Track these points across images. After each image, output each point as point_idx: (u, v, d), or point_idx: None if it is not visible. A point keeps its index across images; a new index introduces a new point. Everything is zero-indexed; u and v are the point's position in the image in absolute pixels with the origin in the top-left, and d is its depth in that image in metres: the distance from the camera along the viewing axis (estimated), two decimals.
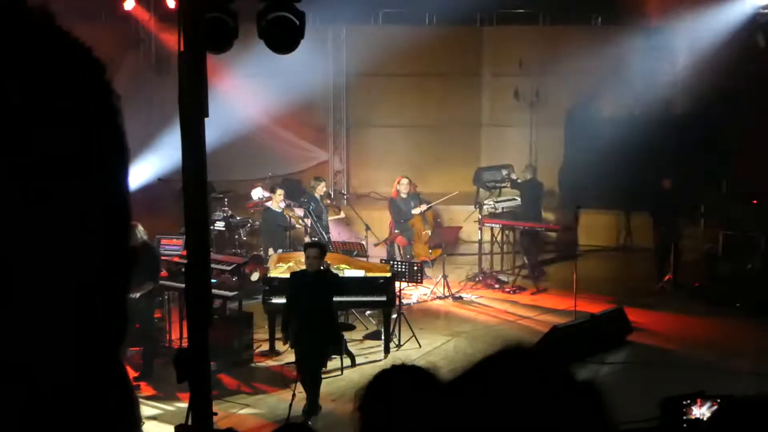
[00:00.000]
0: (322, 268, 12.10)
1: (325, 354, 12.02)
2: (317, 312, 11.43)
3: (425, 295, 18.15)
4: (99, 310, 1.02)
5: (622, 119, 22.45)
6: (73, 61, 1.01)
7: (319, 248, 12.04)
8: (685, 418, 5.70)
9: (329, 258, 14.77)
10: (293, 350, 11.85)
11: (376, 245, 16.91)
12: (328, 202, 18.17)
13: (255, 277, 15.66)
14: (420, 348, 14.44)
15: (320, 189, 18.07)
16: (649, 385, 11.79)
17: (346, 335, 14.00)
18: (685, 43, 21.38)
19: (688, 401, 5.84)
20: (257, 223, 18.21)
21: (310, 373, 11.51)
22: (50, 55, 0.98)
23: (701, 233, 19.28)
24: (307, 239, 16.96)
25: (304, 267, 12.03)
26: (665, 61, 21.84)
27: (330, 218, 18.39)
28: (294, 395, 11.15)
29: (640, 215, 20.20)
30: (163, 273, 14.15)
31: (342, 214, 18.46)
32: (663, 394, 7.29)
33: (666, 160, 19.55)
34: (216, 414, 8.72)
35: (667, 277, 17.96)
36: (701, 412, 5.53)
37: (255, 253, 17.33)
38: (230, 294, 13.91)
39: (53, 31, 1.00)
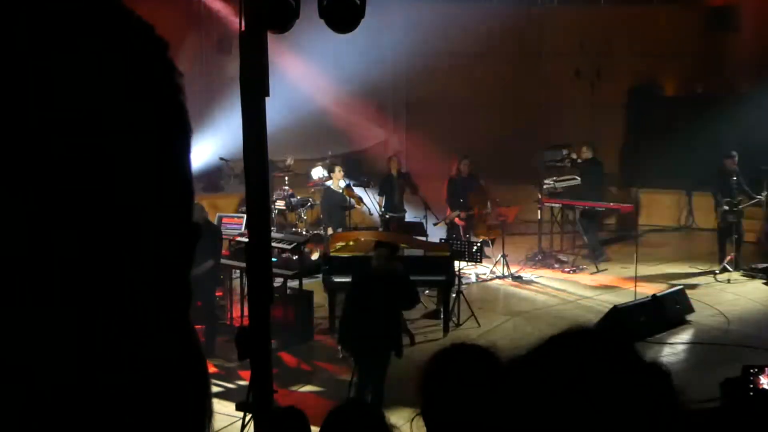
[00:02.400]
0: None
1: (386, 359, 10.85)
2: (381, 315, 10.63)
3: (484, 274, 18.13)
4: (166, 285, 1.03)
5: (684, 98, 22.22)
6: (137, 39, 1.02)
7: (389, 249, 11.26)
8: (752, 387, 5.65)
9: (389, 237, 14.82)
10: (350, 352, 11.33)
11: (435, 225, 16.89)
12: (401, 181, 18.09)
13: (315, 255, 15.73)
14: (479, 327, 14.43)
15: (396, 167, 18.05)
16: (710, 367, 11.69)
17: (405, 314, 14.02)
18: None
19: (756, 370, 5.80)
20: (317, 202, 18.25)
21: (375, 375, 10.76)
22: (114, 33, 0.99)
23: (764, 213, 19.02)
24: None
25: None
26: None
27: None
28: (354, 373, 11.16)
29: (702, 195, 19.99)
30: (225, 251, 14.26)
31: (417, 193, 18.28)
32: (725, 374, 7.24)
33: (728, 139, 19.28)
34: (276, 391, 8.79)
35: (729, 257, 17.77)
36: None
37: (315, 231, 17.38)
38: (291, 272, 13.97)
39: (116, 9, 1.01)
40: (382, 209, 17.53)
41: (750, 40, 21.15)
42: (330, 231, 16.70)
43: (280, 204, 17.96)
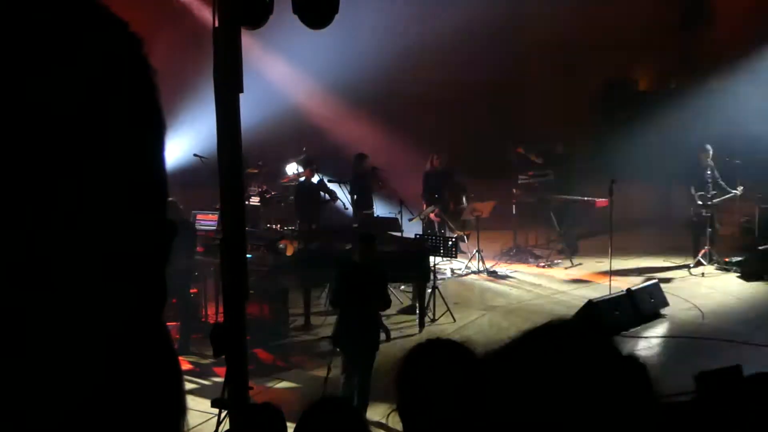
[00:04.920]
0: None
1: (375, 352, 10.84)
2: (371, 307, 10.80)
3: (460, 269, 18.16)
4: (141, 283, 1.03)
5: (658, 93, 22.33)
6: (111, 36, 1.01)
7: (372, 241, 11.17)
8: (721, 391, 5.68)
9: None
10: (341, 349, 11.01)
11: (410, 220, 16.88)
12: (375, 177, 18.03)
13: (290, 251, 15.69)
14: (454, 322, 14.45)
15: (365, 165, 17.99)
16: (684, 360, 11.75)
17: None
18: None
19: (725, 375, 5.82)
20: (292, 197, 18.22)
21: (363, 370, 10.66)
22: (88, 30, 0.99)
23: (737, 207, 19.13)
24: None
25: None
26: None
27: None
28: (329, 369, 11.15)
29: (675, 188, 20.08)
30: (199, 248, 14.22)
31: (384, 189, 18.26)
32: (699, 368, 7.27)
33: (702, 132, 19.39)
34: (252, 388, 8.78)
35: (702, 251, 17.86)
36: (738, 385, 5.51)
37: (290, 227, 17.35)
38: (265, 269, 13.95)
39: (90, 5, 1.01)
40: (356, 206, 17.51)
41: (723, 35, 21.24)
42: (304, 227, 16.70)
43: (254, 200, 17.93)
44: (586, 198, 19.12)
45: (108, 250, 0.98)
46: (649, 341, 13.49)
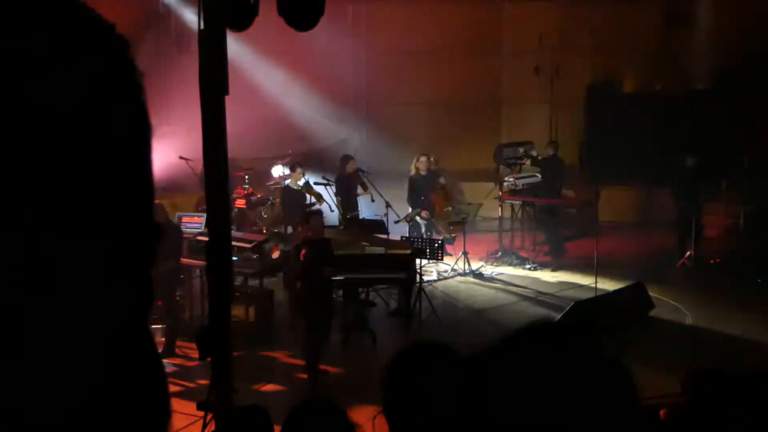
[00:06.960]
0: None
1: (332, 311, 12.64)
2: (326, 278, 12.07)
3: (446, 271, 18.14)
4: (126, 284, 1.03)
5: (644, 94, 22.35)
6: (97, 38, 1.01)
7: (320, 216, 12.68)
8: (705, 393, 5.68)
9: (351, 236, 14.86)
10: (304, 314, 12.22)
11: (396, 222, 16.87)
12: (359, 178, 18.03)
13: (276, 254, 15.68)
14: (441, 325, 14.44)
15: (350, 167, 17.98)
16: (670, 362, 11.77)
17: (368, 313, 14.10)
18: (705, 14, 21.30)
19: (711, 376, 5.82)
20: (278, 200, 18.19)
21: (316, 340, 11.95)
22: (74, 32, 0.99)
23: (723, 208, 19.17)
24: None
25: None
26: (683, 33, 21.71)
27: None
28: (317, 372, 11.21)
29: (661, 191, 20.11)
30: (185, 251, 14.19)
31: (368, 192, 18.23)
32: (684, 370, 7.30)
33: (688, 134, 19.44)
34: (238, 390, 8.77)
35: (688, 253, 17.90)
36: (722, 388, 5.52)
37: (275, 230, 17.31)
38: (251, 271, 13.94)
39: (77, 8, 1.01)
40: (341, 208, 17.50)
41: (708, 37, 21.29)
42: (290, 229, 16.68)
43: (240, 202, 17.89)
44: (572, 200, 19.14)
45: (106, 251, 0.98)
46: (634, 343, 13.51)
